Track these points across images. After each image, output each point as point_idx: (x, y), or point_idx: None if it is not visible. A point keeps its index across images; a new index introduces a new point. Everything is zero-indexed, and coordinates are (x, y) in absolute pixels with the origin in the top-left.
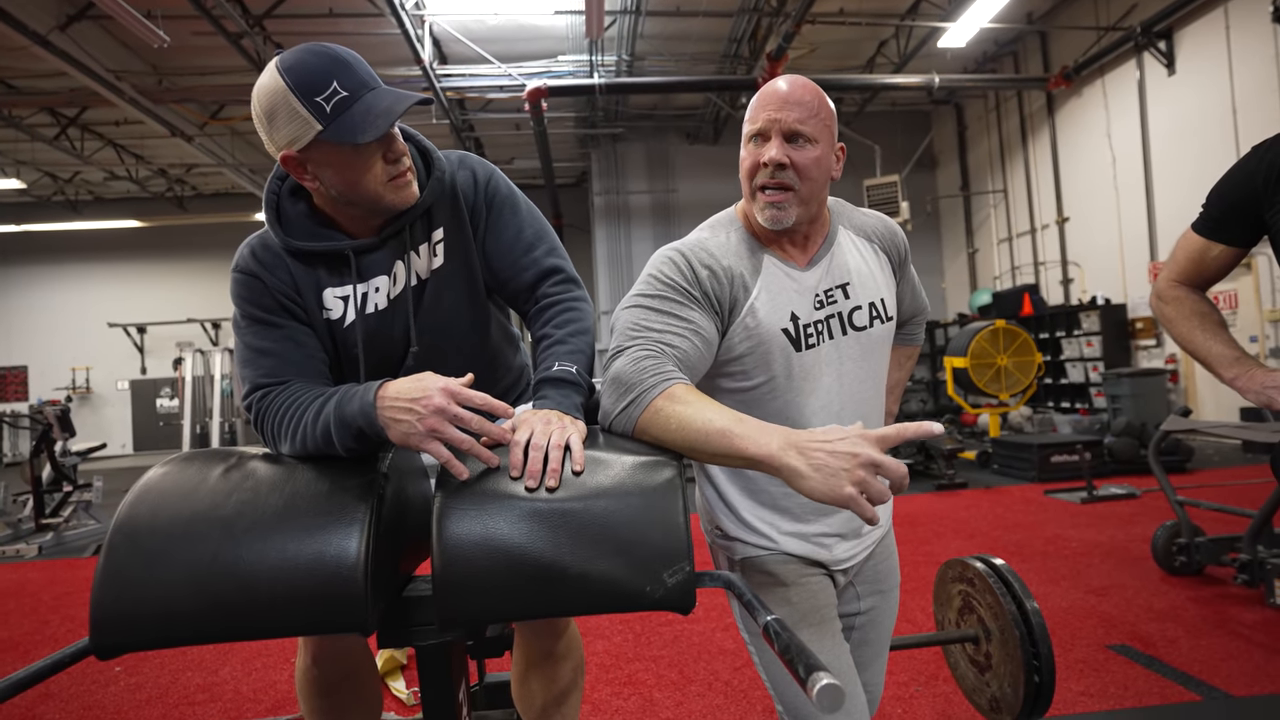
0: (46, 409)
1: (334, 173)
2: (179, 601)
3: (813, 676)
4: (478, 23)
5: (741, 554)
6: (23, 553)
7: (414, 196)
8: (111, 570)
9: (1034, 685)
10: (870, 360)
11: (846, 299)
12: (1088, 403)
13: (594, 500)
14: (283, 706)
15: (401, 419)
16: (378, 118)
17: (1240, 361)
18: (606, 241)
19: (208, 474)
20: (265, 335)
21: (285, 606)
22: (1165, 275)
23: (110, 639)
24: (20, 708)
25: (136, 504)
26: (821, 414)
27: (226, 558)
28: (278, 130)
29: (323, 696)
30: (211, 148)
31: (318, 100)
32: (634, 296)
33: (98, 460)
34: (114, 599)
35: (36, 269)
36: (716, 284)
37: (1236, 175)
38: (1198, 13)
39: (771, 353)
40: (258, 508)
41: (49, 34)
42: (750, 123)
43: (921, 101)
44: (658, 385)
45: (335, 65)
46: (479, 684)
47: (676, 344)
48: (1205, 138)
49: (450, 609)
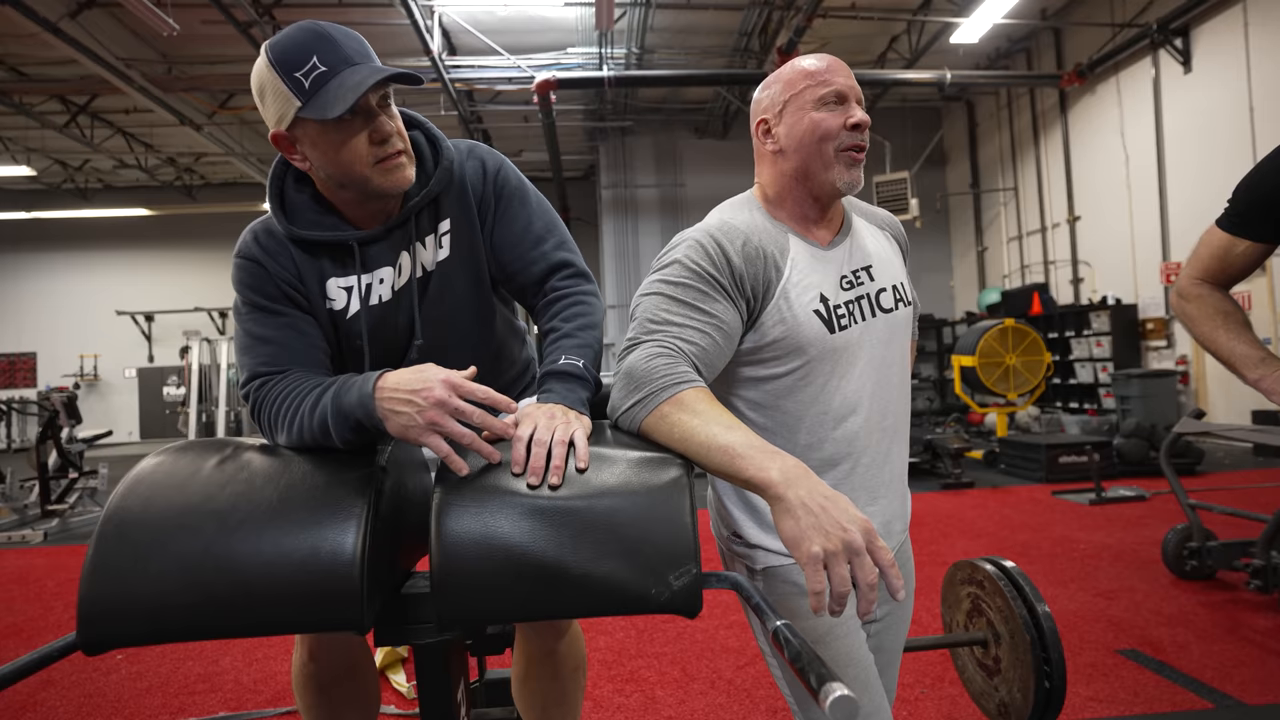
0: (54, 395)
1: (319, 152)
2: (170, 596)
3: (825, 687)
4: (487, 14)
5: (764, 563)
6: (28, 538)
7: (406, 181)
8: (100, 562)
9: (1044, 691)
10: (896, 344)
11: (871, 281)
12: (1096, 403)
13: (598, 499)
14: (283, 698)
15: (401, 411)
16: (347, 93)
17: (1266, 362)
18: (614, 235)
19: (202, 465)
20: (266, 323)
21: (279, 603)
22: (1187, 272)
23: (98, 634)
24: (22, 694)
25: (128, 494)
26: (854, 398)
27: (219, 551)
28: (267, 108)
29: (319, 693)
30: (220, 136)
31: (297, 76)
32: (656, 282)
33: (104, 447)
34: (103, 593)
35: (46, 256)
36: (749, 266)
37: (1265, 170)
38: (1215, 10)
39: (805, 336)
40: (252, 500)
41: (59, 21)
42: (822, 85)
43: (932, 98)
44: (668, 389)
45: (317, 41)
46: (479, 681)
47: (695, 340)
48: (1221, 137)
49: (449, 609)
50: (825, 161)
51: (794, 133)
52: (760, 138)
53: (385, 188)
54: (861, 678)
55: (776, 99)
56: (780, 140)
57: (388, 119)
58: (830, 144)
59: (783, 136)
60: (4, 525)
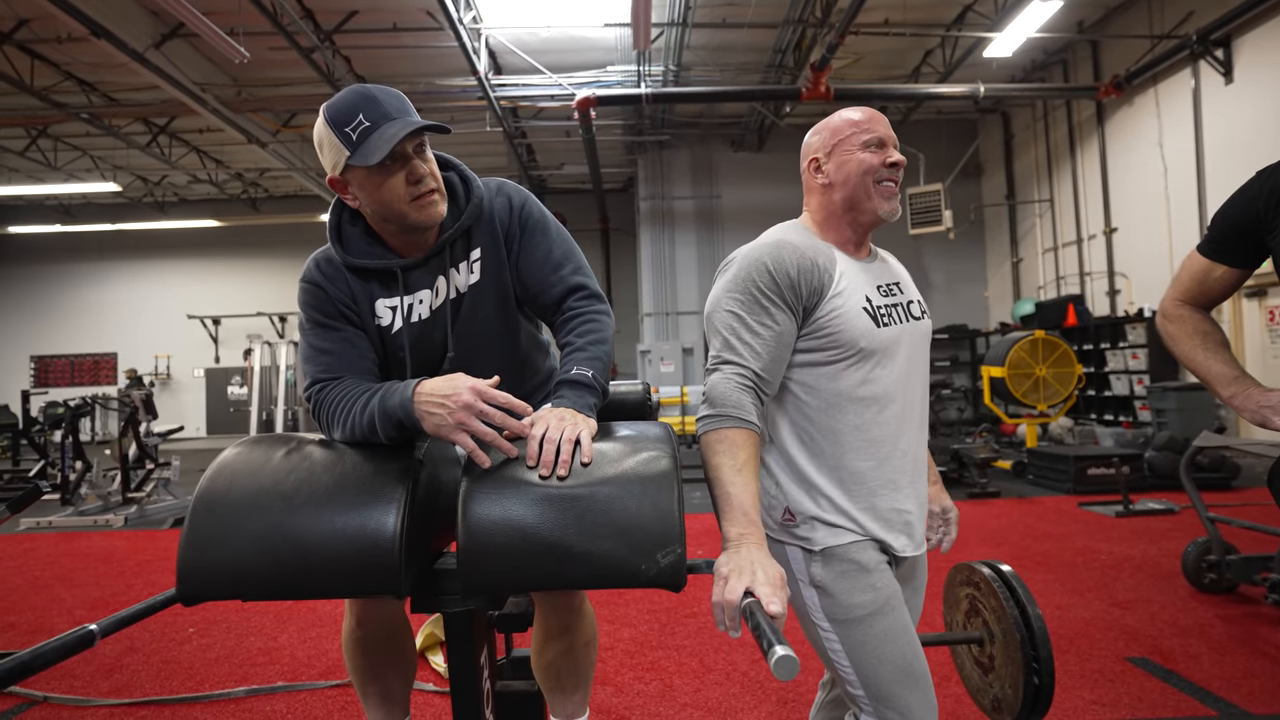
0: (134, 393)
1: (365, 193)
2: (246, 561)
3: (772, 649)
4: (531, 35)
5: (822, 544)
6: (111, 523)
7: (439, 215)
8: (194, 533)
9: (1034, 687)
10: (922, 351)
11: (901, 293)
12: (1132, 416)
13: (598, 488)
14: (334, 671)
15: (434, 412)
16: (384, 143)
17: (1238, 380)
18: (651, 245)
19: (272, 455)
20: (325, 337)
21: (332, 570)
22: (1170, 294)
23: (193, 590)
24: (110, 657)
25: (215, 478)
26: (894, 389)
27: (286, 527)
28: (325, 158)
29: (364, 655)
30: (283, 153)
31: (346, 130)
32: (730, 298)
33: (176, 441)
34: (196, 557)
35: (127, 264)
36: (803, 275)
37: (1239, 199)
38: (1258, 20)
39: (858, 329)
40: (312, 485)
41: (145, 51)
42: (866, 132)
43: (967, 110)
44: (724, 421)
45: (363, 101)
46: (506, 657)
47: (761, 353)
48: (1264, 148)
49: (472, 579)
50: (867, 192)
51: (842, 169)
52: (811, 174)
53: (420, 221)
54: (913, 646)
55: (827, 142)
56: (830, 175)
57: (421, 162)
58: (871, 177)
59: (832, 172)
60: (90, 510)
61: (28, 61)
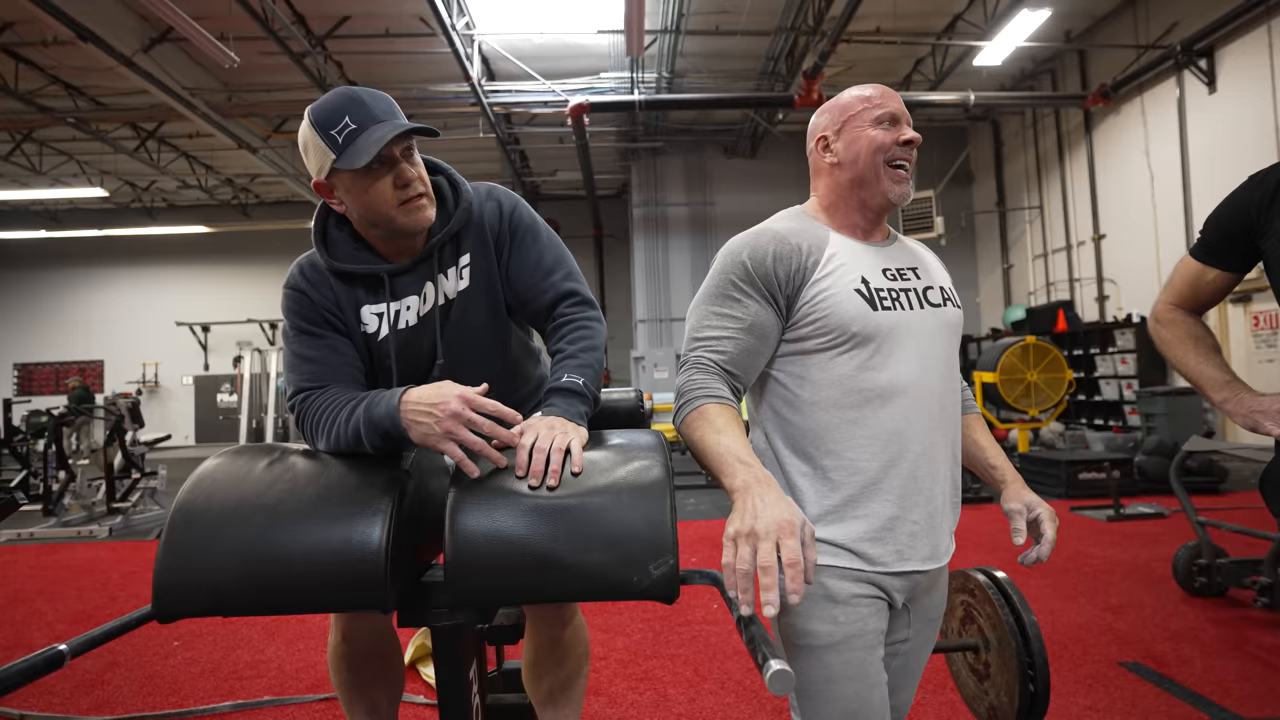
0: (119, 401)
1: (352, 196)
2: (227, 576)
3: (768, 663)
4: (524, 41)
5: None
6: (95, 533)
7: (427, 219)
8: (171, 547)
9: (1029, 694)
10: (944, 341)
11: (918, 279)
12: (1122, 420)
13: (589, 498)
14: (322, 685)
15: (421, 421)
16: (371, 146)
17: (1230, 385)
18: (644, 252)
19: (254, 466)
20: (310, 344)
21: (316, 585)
22: (1163, 298)
23: (170, 606)
24: (91, 673)
25: (194, 490)
26: (901, 382)
27: (268, 540)
28: (310, 161)
29: (350, 670)
30: (274, 158)
31: (332, 133)
32: (703, 292)
33: (163, 450)
34: (173, 572)
35: (115, 270)
36: (779, 263)
37: (1231, 203)
38: (1240, 31)
39: (848, 312)
40: (296, 497)
41: (134, 55)
42: (878, 108)
43: (958, 118)
44: (694, 402)
45: (349, 103)
46: (497, 669)
47: (727, 347)
48: (1246, 156)
49: (460, 592)
50: (877, 173)
51: (852, 147)
52: (819, 153)
53: (408, 226)
54: (864, 696)
55: (836, 119)
56: (839, 154)
57: (409, 166)
58: (882, 156)
59: (841, 151)
60: (74, 521)
61: (12, 65)
